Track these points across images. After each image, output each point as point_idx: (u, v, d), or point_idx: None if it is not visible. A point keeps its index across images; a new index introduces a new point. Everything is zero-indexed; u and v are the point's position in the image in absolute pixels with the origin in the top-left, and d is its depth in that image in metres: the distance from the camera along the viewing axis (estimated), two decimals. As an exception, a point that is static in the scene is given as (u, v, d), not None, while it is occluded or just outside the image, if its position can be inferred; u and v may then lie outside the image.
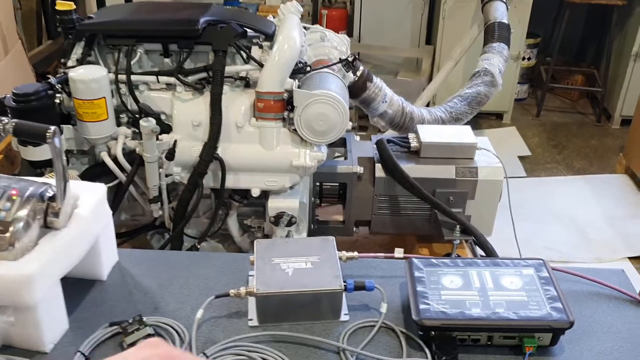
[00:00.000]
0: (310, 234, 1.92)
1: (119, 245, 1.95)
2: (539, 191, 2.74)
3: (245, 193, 1.79)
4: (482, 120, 3.34)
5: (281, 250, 0.96)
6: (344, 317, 0.95)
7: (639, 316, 0.95)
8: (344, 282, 0.92)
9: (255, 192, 1.72)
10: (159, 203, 1.72)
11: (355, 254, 0.99)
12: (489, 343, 0.89)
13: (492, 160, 1.92)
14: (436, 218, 1.90)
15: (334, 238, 1.00)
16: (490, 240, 1.97)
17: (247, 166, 1.70)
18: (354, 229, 1.98)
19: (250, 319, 0.94)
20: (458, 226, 1.82)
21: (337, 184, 1.93)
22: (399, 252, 1.00)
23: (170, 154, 1.63)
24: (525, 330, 0.87)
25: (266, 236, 1.87)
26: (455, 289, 0.92)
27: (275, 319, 0.93)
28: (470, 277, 0.95)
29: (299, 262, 0.94)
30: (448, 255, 1.87)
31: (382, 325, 0.93)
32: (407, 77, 3.46)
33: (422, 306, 0.89)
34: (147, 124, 1.56)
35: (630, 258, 2.36)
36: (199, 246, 1.71)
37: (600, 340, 0.91)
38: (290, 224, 1.75)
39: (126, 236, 1.93)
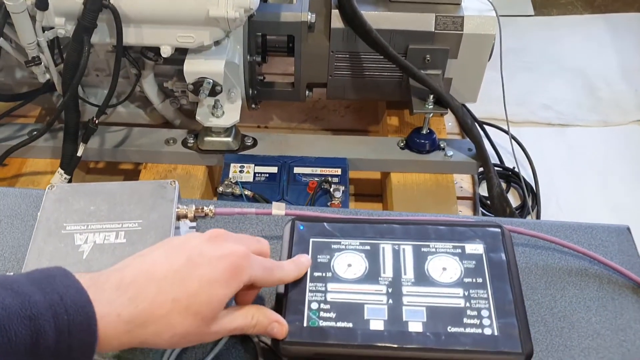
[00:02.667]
0: (250, 100, 1.54)
1: (18, 107, 1.61)
2: (546, 34, 2.27)
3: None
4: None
5: (85, 206, 0.61)
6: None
7: (641, 317, 0.62)
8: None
9: (166, 51, 1.32)
10: (42, 65, 1.32)
11: (211, 208, 0.63)
12: (396, 371, 0.57)
13: (484, 7, 1.47)
14: (407, 83, 1.51)
15: (177, 184, 0.63)
16: (477, 102, 1.60)
17: (150, 17, 1.28)
18: (307, 92, 1.60)
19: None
20: (432, 95, 1.44)
21: (285, 36, 1.51)
22: (277, 208, 0.64)
23: (42, 1, 1.21)
24: (451, 364, 0.54)
25: (193, 103, 1.50)
26: (352, 281, 0.58)
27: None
28: (381, 256, 0.59)
29: (106, 231, 0.59)
30: (419, 129, 1.50)
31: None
32: None
33: (289, 317, 0.55)
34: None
35: (643, 121, 1.98)
36: (96, 121, 1.35)
37: (574, 361, 0.58)
38: (214, 92, 1.36)
39: (24, 98, 1.55)
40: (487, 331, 0.54)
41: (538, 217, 1.67)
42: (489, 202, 1.56)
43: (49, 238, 0.58)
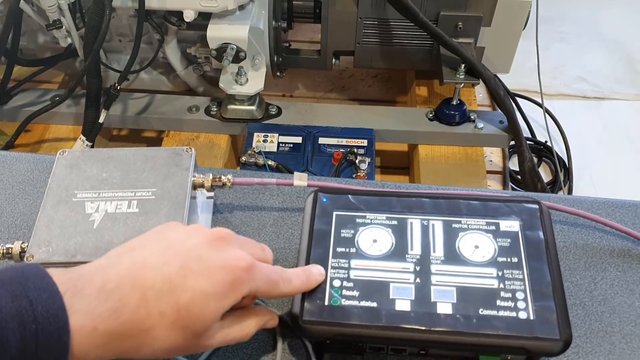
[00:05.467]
0: (275, 68, 1.50)
1: (40, 72, 1.59)
2: (584, 4, 2.18)
3: (184, 13, 1.35)
4: None
5: (97, 173, 0.58)
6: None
7: (689, 304, 0.57)
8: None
9: (189, 16, 1.28)
10: (63, 29, 1.30)
11: (229, 177, 0.60)
12: (422, 352, 0.53)
13: (521, -27, 1.40)
14: (438, 51, 1.45)
15: (193, 151, 0.60)
16: (509, 73, 1.54)
17: (173, -20, 1.24)
18: (334, 60, 1.55)
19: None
20: (463, 65, 1.38)
21: (312, 2, 1.46)
22: (299, 178, 0.60)
23: (62, -37, 1.18)
24: (480, 348, 0.50)
25: (216, 70, 1.46)
26: (378, 258, 0.54)
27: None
28: (409, 232, 0.56)
29: (118, 200, 0.56)
30: (449, 100, 1.45)
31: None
32: None
33: (310, 295, 0.52)
34: None
35: (687, 97, 1.89)
36: (118, 87, 1.32)
37: (615, 349, 0.54)
38: (237, 59, 1.33)
39: (45, 63, 1.54)
40: (522, 315, 0.50)
41: (570, 193, 1.62)
42: (519, 176, 1.51)
43: (59, 206, 0.55)
